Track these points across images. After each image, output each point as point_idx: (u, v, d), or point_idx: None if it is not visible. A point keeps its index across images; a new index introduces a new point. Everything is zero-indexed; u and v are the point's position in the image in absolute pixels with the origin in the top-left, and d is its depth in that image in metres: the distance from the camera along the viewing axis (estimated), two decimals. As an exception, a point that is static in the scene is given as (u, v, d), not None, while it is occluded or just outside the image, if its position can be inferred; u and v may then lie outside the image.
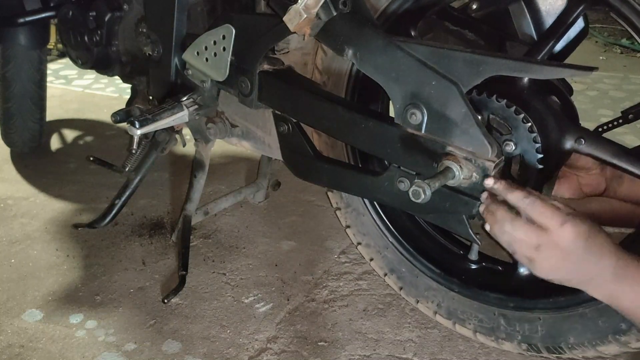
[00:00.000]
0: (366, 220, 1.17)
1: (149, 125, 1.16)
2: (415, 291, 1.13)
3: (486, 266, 1.08)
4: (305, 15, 0.89)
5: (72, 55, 1.48)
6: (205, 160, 1.37)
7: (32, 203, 1.73)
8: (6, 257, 1.47)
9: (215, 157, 1.98)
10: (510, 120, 0.91)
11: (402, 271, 1.14)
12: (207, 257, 1.48)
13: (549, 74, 0.82)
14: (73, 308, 1.30)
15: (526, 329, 1.00)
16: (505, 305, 1.02)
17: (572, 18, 0.96)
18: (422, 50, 0.86)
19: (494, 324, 1.04)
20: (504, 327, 1.03)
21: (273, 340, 1.20)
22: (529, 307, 1.00)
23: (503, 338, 1.03)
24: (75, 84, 2.88)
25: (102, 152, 1.88)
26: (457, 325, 1.09)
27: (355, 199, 1.18)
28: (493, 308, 1.03)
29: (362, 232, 1.19)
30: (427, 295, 1.12)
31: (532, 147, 0.91)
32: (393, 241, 1.15)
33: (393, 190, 0.95)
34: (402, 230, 1.15)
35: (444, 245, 1.13)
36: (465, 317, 1.07)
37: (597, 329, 0.92)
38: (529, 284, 1.00)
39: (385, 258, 1.16)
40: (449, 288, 1.08)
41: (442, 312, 1.10)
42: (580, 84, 2.63)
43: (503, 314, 1.02)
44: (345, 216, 1.21)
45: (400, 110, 0.89)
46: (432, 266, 1.11)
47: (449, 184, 0.86)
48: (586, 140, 0.93)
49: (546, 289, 0.97)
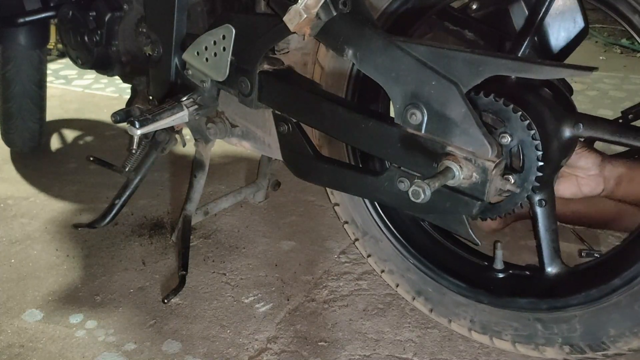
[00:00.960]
0: (385, 245, 1.16)
1: (149, 125, 1.16)
2: (446, 310, 1.11)
3: (513, 273, 1.06)
4: (305, 15, 0.89)
5: (72, 55, 1.48)
6: (205, 160, 1.37)
7: (32, 203, 1.73)
8: (6, 257, 1.48)
9: (215, 157, 1.98)
10: (501, 113, 0.90)
11: (428, 291, 1.12)
12: (207, 257, 1.48)
13: (549, 73, 0.82)
14: (73, 308, 1.30)
15: (564, 329, 0.98)
16: (539, 309, 1.00)
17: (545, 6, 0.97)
18: (422, 50, 0.86)
19: (531, 330, 1.01)
20: (541, 331, 1.00)
21: (273, 340, 1.20)
22: (562, 306, 0.97)
23: (543, 344, 1.00)
24: (75, 84, 2.89)
25: (102, 152, 1.88)
26: (494, 339, 1.06)
27: (372, 226, 1.17)
28: (527, 314, 1.01)
29: (383, 258, 1.17)
30: (458, 313, 1.09)
31: (528, 135, 0.89)
32: (415, 262, 1.13)
33: (393, 190, 0.95)
34: (422, 249, 1.13)
35: (467, 259, 1.11)
36: (500, 328, 1.05)
37: (635, 315, 0.90)
38: (559, 282, 0.99)
39: (410, 281, 1.15)
40: (478, 301, 1.06)
41: (477, 327, 1.08)
42: (580, 84, 2.63)
43: (538, 318, 1.00)
44: (364, 245, 1.20)
45: (400, 110, 0.89)
46: (458, 281, 1.09)
47: (449, 184, 0.86)
48: (584, 123, 0.93)
49: (577, 284, 0.97)
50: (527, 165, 0.91)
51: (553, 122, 0.93)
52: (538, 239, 1.02)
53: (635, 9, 0.87)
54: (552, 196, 1.01)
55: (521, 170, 0.91)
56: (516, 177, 0.92)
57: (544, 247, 1.02)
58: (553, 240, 1.02)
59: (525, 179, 0.91)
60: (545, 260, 1.02)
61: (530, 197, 0.98)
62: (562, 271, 1.01)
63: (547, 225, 1.01)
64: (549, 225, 1.01)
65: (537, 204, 1.01)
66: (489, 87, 0.89)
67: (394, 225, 1.16)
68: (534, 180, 0.91)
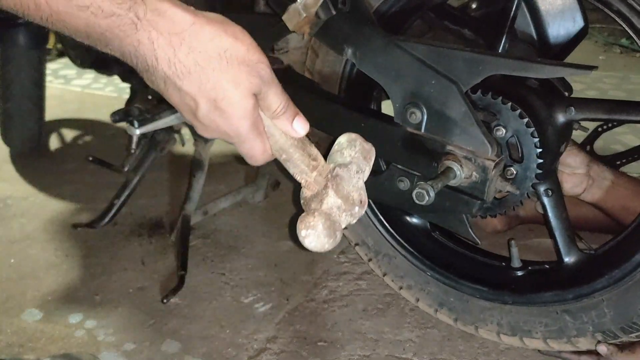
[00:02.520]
0: (399, 261, 1.15)
1: (148, 125, 1.16)
2: (471, 317, 1.09)
3: (532, 269, 1.05)
4: (304, 14, 0.89)
5: (71, 54, 1.48)
6: (204, 160, 1.37)
7: (31, 203, 1.73)
8: (5, 257, 1.47)
9: (215, 156, 1.98)
10: (492, 106, 0.90)
11: (450, 301, 1.11)
12: (206, 257, 1.47)
13: (548, 73, 0.83)
14: (72, 308, 1.29)
15: (593, 316, 0.96)
16: (565, 300, 0.98)
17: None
18: (421, 50, 0.86)
19: (561, 323, 0.99)
20: (571, 323, 0.98)
21: (272, 340, 1.19)
22: (587, 292, 0.96)
23: (575, 335, 0.98)
24: (74, 83, 2.88)
25: (101, 152, 1.87)
26: (525, 339, 1.04)
27: (383, 244, 1.16)
28: (553, 307, 0.99)
29: (399, 275, 1.16)
30: (484, 318, 1.07)
31: (522, 124, 0.89)
32: (432, 273, 1.12)
33: (393, 190, 0.95)
34: (437, 260, 1.12)
35: (484, 262, 1.10)
36: (529, 327, 1.03)
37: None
38: (580, 270, 0.98)
39: (430, 294, 1.13)
40: (503, 302, 1.04)
41: (505, 330, 1.05)
42: (579, 83, 2.63)
43: (565, 309, 0.98)
44: (378, 265, 1.19)
45: (400, 109, 0.89)
46: (479, 286, 1.07)
47: (450, 183, 0.86)
48: (575, 106, 0.93)
49: (598, 267, 0.95)
50: (526, 154, 0.90)
51: (544, 109, 0.92)
52: (551, 230, 1.01)
53: (635, 9, 0.86)
54: (557, 185, 1.00)
55: (521, 160, 0.91)
56: (518, 167, 0.91)
57: (558, 237, 1.00)
58: (566, 228, 1.00)
59: (526, 167, 0.90)
60: (562, 250, 1.00)
61: (535, 189, 0.97)
62: (581, 258, 1.00)
63: (558, 213, 1.00)
64: (560, 214, 1.00)
65: (543, 194, 1.00)
66: (477, 84, 0.89)
67: (405, 240, 1.14)
68: (536, 168, 0.90)
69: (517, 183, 0.92)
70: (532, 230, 1.48)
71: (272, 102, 0.64)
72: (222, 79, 0.59)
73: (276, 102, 0.65)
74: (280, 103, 0.65)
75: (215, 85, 0.59)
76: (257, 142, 0.65)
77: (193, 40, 0.58)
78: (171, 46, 0.57)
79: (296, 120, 0.67)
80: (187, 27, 0.57)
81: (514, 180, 0.92)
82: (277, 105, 0.65)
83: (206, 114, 0.61)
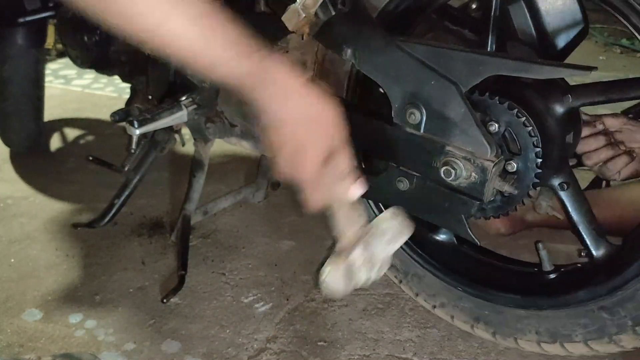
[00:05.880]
0: (428, 279, 1.13)
1: (148, 125, 1.16)
2: (509, 329, 1.06)
3: (565, 270, 1.02)
4: (303, 14, 0.89)
5: (72, 54, 1.48)
6: (204, 160, 1.37)
7: (31, 203, 1.73)
8: (5, 257, 1.47)
9: (215, 156, 1.98)
10: (480, 103, 0.90)
11: (486, 315, 1.08)
12: (207, 256, 1.47)
13: (548, 73, 0.83)
14: (72, 307, 1.30)
15: (631, 309, 0.92)
16: (599, 295, 0.94)
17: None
18: (421, 50, 0.86)
19: (599, 322, 0.95)
20: (609, 320, 0.94)
21: (272, 340, 1.20)
22: (621, 283, 0.92)
23: (615, 333, 0.94)
24: (74, 83, 2.88)
25: (101, 152, 1.87)
26: (566, 344, 1.00)
27: (411, 265, 1.14)
28: (590, 305, 0.96)
29: (431, 293, 1.14)
30: (522, 327, 1.04)
31: (512, 115, 0.88)
32: (464, 288, 1.09)
33: (392, 190, 0.95)
34: (467, 274, 1.10)
35: (514, 270, 1.08)
36: (568, 330, 0.99)
37: None
38: (611, 261, 0.95)
39: (464, 309, 1.11)
40: (539, 308, 1.01)
41: (545, 337, 1.02)
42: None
43: (602, 306, 0.94)
44: (409, 286, 1.17)
45: (399, 109, 0.89)
46: (513, 294, 1.04)
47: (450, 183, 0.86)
48: (572, 93, 0.93)
49: (630, 255, 0.92)
50: (524, 146, 0.89)
51: (539, 100, 0.91)
52: (575, 226, 0.97)
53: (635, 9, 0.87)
54: (572, 177, 0.97)
55: (520, 153, 0.90)
56: (517, 160, 0.90)
57: (583, 232, 0.97)
58: (590, 221, 0.97)
59: (525, 158, 0.89)
60: (590, 245, 0.97)
61: (550, 184, 0.96)
62: (610, 250, 0.97)
63: (578, 206, 0.97)
64: (581, 207, 0.97)
65: (559, 189, 0.97)
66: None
67: (433, 257, 1.12)
68: (536, 157, 0.88)
69: (519, 177, 0.90)
70: (535, 230, 1.47)
71: (340, 164, 0.77)
72: (308, 135, 0.75)
73: (343, 165, 0.77)
74: (347, 166, 0.77)
75: (301, 138, 0.74)
76: (316, 193, 0.78)
77: (296, 101, 0.74)
78: (281, 102, 0.73)
79: (355, 185, 0.79)
80: (295, 91, 0.74)
81: (516, 173, 0.90)
82: (343, 167, 0.77)
83: (287, 157, 0.76)
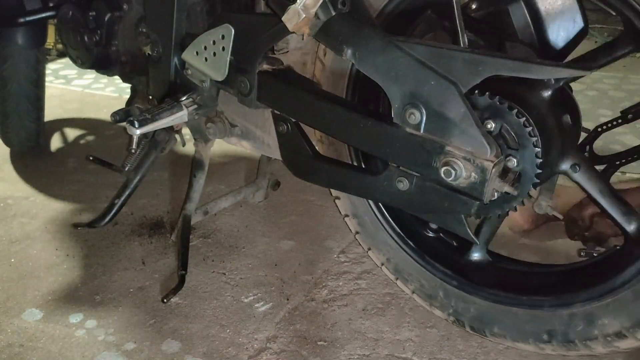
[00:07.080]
0: (449, 289, 1.12)
1: (149, 125, 1.16)
2: (562, 336, 0.99)
3: (607, 252, 0.98)
4: (304, 15, 0.90)
5: (72, 55, 1.48)
6: (204, 160, 1.38)
7: (31, 202, 1.73)
8: (6, 257, 1.48)
9: (215, 156, 1.98)
10: (479, 101, 0.90)
11: (555, 330, 1.00)
12: (207, 256, 1.48)
13: (548, 73, 0.83)
14: (73, 307, 1.30)
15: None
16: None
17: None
18: (421, 50, 0.86)
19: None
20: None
21: (272, 340, 1.20)
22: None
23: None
24: (74, 83, 2.89)
25: (101, 152, 1.88)
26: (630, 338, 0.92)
27: (426, 276, 1.13)
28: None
29: (486, 321, 1.09)
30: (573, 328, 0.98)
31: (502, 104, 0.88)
32: (515, 303, 1.04)
33: (392, 190, 0.95)
34: (494, 282, 1.07)
35: (554, 271, 1.05)
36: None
37: None
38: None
39: (523, 331, 1.04)
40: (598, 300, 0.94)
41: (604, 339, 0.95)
42: (579, 84, 2.63)
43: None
44: (442, 308, 1.15)
45: (399, 109, 0.89)
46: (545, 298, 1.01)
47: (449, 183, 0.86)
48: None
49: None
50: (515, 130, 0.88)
51: (526, 92, 0.91)
52: (599, 205, 0.95)
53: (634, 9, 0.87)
54: (583, 157, 0.96)
55: (518, 148, 0.89)
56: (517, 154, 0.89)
57: (612, 212, 0.94)
58: (617, 197, 0.94)
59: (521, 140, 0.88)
60: (622, 224, 0.94)
61: (562, 170, 0.95)
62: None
63: (599, 186, 0.94)
64: (602, 186, 0.94)
65: (572, 171, 0.95)
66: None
67: (477, 282, 1.09)
68: (529, 135, 0.87)
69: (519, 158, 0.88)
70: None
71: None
72: None
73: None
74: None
75: None
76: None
77: None
78: None
79: None
80: None
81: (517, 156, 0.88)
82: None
83: None
